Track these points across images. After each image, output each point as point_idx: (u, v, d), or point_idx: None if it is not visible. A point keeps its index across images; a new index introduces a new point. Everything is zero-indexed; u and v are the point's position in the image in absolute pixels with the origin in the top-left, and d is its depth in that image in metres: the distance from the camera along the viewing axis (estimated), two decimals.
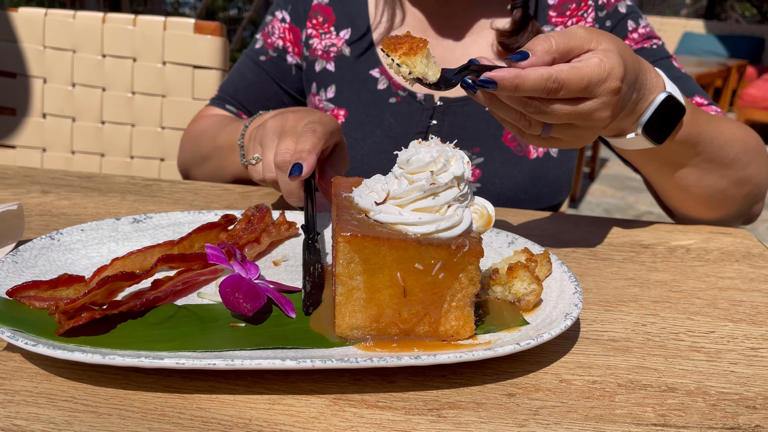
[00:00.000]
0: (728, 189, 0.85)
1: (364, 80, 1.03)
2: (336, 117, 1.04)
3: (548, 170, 1.01)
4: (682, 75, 0.99)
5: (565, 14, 1.02)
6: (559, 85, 0.59)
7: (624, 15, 1.02)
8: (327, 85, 1.05)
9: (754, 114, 6.43)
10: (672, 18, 9.79)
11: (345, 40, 1.05)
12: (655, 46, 1.00)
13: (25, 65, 1.53)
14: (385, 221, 0.53)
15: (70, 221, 0.76)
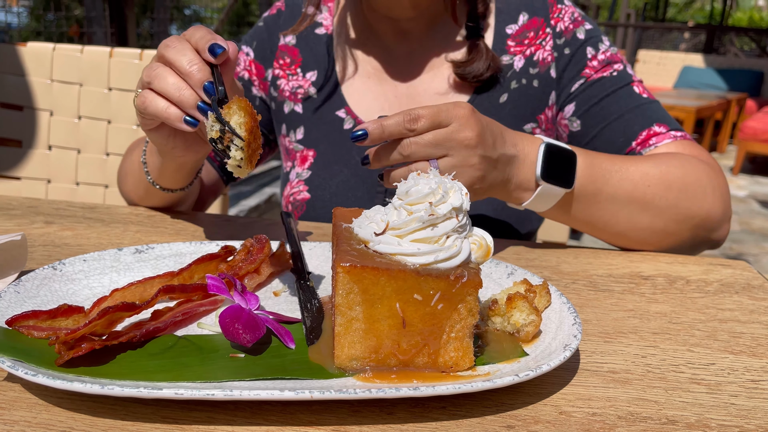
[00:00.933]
0: (667, 227, 0.86)
1: (331, 121, 1.04)
2: (305, 158, 1.06)
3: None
4: (642, 102, 0.98)
5: (523, 43, 1.02)
6: (416, 115, 0.70)
7: (582, 42, 1.01)
8: (296, 127, 1.07)
9: (755, 146, 6.46)
10: (671, 52, 9.91)
11: (311, 81, 1.06)
12: (615, 72, 1.00)
13: (33, 98, 1.56)
14: (385, 252, 0.53)
15: (73, 252, 0.76)
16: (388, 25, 1.02)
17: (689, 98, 7.07)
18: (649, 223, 0.85)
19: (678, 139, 0.95)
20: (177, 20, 12.63)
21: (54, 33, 4.65)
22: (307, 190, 1.04)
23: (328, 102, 1.05)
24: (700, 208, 0.86)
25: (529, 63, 1.02)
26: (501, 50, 1.03)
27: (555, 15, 1.03)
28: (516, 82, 1.02)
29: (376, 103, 1.03)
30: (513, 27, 1.03)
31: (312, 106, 1.06)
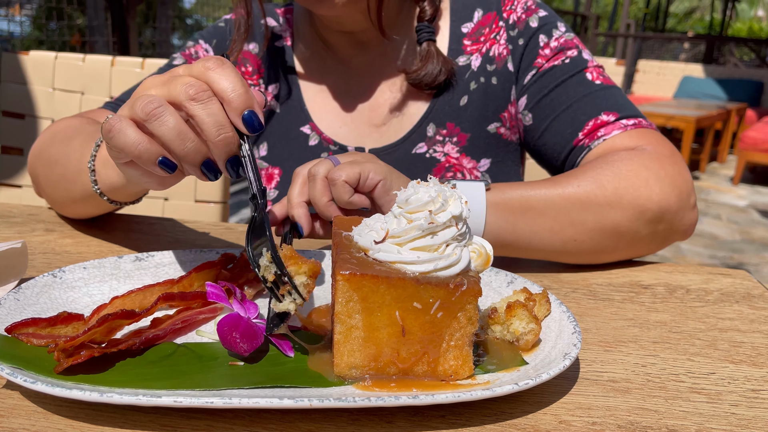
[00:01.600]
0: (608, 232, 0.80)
1: (296, 137, 1.03)
2: (271, 176, 1.04)
3: None
4: (594, 89, 0.93)
5: (479, 40, 1.01)
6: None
7: (535, 30, 0.98)
8: (259, 143, 1.05)
9: (755, 156, 6.46)
10: (671, 62, 9.94)
11: (274, 95, 1.04)
12: (568, 60, 0.95)
13: (34, 107, 1.56)
14: (384, 260, 0.53)
15: (73, 259, 0.76)
16: (344, 37, 1.01)
17: (689, 108, 7.08)
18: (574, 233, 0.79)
19: (628, 129, 0.88)
20: (179, 29, 12.70)
21: (56, 42, 4.67)
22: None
23: (292, 118, 1.04)
24: (648, 200, 0.79)
25: (486, 60, 1.00)
26: (457, 51, 1.01)
27: (507, 7, 1.00)
28: (475, 83, 1.00)
29: (338, 118, 1.03)
30: (468, 25, 1.02)
31: (275, 122, 1.04)
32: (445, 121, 1.00)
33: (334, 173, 0.71)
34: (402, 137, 1.01)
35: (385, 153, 1.00)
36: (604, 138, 0.89)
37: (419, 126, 1.00)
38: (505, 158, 1.04)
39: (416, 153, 1.01)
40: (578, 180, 0.80)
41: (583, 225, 0.79)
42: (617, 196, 0.79)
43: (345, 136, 1.03)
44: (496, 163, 1.02)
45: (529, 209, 0.78)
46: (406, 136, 1.01)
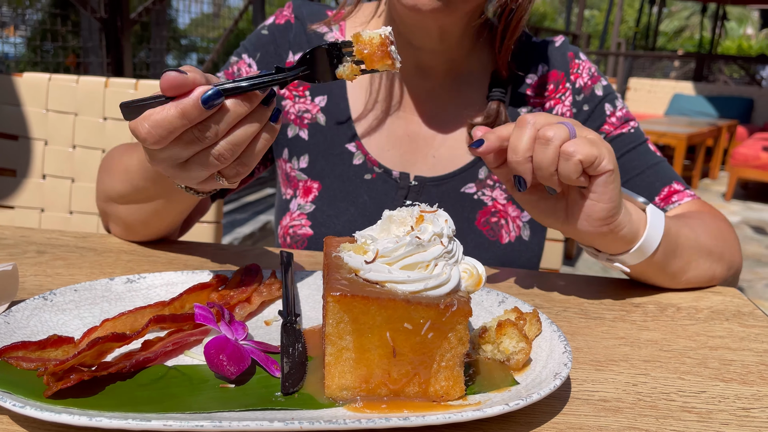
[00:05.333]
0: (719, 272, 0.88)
1: (340, 153, 1.01)
2: (310, 190, 1.02)
3: (520, 254, 1.00)
4: (659, 160, 1.00)
5: (543, 95, 1.02)
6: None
7: (601, 98, 1.02)
8: (300, 154, 1.03)
9: (746, 172, 6.52)
10: (662, 80, 10.06)
11: (320, 107, 1.02)
12: (633, 129, 1.02)
13: (28, 128, 1.57)
14: (375, 279, 0.53)
15: (65, 281, 0.76)
16: (410, 56, 0.97)
17: (680, 125, 7.15)
18: (710, 271, 0.86)
19: (694, 198, 0.99)
20: (173, 50, 12.75)
21: (51, 63, 4.69)
22: (309, 226, 1.00)
23: (337, 133, 1.01)
24: (735, 257, 0.91)
25: None
26: (521, 101, 1.02)
27: (574, 70, 1.03)
28: None
29: (388, 141, 1.00)
30: (532, 77, 1.03)
31: (319, 135, 1.02)
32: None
33: (570, 147, 0.67)
34: (452, 172, 1.00)
35: (432, 184, 0.99)
36: (678, 203, 0.98)
37: (472, 166, 1.00)
38: None
39: (464, 192, 1.00)
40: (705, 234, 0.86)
41: (697, 271, 0.85)
42: (728, 258, 0.89)
43: (391, 160, 1.00)
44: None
45: (677, 247, 0.81)
46: (456, 172, 1.00)
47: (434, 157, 1.00)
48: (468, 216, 1.00)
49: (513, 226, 1.01)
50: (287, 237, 1.02)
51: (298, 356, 0.57)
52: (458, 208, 0.99)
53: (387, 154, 1.00)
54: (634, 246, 0.75)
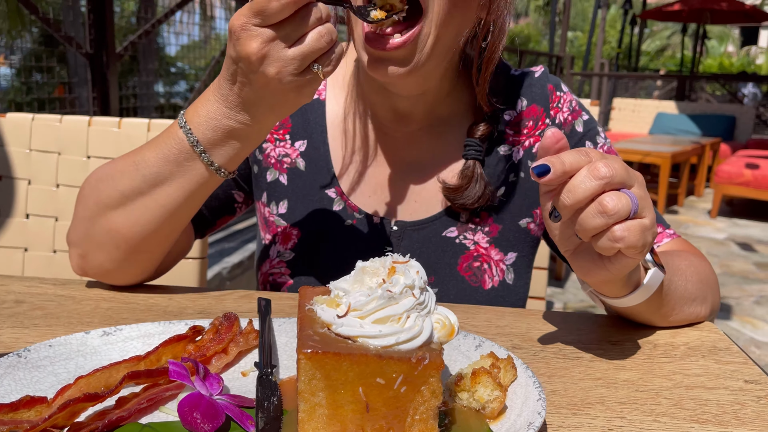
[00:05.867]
0: (703, 313, 0.88)
1: (319, 199, 1.00)
2: (289, 236, 1.01)
3: (504, 300, 0.99)
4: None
5: (522, 132, 1.01)
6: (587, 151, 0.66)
7: (582, 135, 1.01)
8: (279, 199, 1.01)
9: (731, 189, 6.59)
10: (645, 99, 10.21)
11: (300, 152, 1.01)
12: None
13: (11, 168, 1.57)
14: (347, 334, 0.54)
15: (41, 333, 0.76)
16: (387, 101, 0.98)
17: (665, 144, 7.24)
18: (695, 313, 0.87)
19: (673, 238, 0.99)
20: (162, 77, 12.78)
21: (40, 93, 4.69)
22: (289, 274, 0.99)
23: (317, 178, 1.00)
24: (716, 299, 0.92)
25: (528, 156, 1.00)
26: (500, 139, 1.00)
27: (555, 104, 1.01)
28: (514, 175, 1.00)
29: (368, 186, 1.00)
30: (511, 113, 1.01)
31: (299, 180, 1.01)
32: (480, 210, 0.99)
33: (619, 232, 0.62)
34: (433, 216, 0.99)
35: (413, 229, 0.98)
36: (658, 244, 0.98)
37: (453, 210, 0.99)
38: (529, 253, 1.03)
39: (446, 236, 0.99)
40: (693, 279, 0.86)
41: (682, 315, 0.85)
42: (710, 299, 0.89)
43: (372, 205, 0.99)
44: (520, 257, 1.02)
45: (668, 294, 0.81)
46: (437, 216, 0.99)
47: (415, 202, 1.00)
48: (450, 261, 0.98)
49: (496, 270, 1.00)
50: (267, 285, 1.01)
51: (274, 410, 0.57)
52: (440, 253, 0.99)
53: (367, 199, 1.00)
54: (628, 294, 0.75)
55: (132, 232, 0.84)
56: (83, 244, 0.87)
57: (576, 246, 0.69)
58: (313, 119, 1.02)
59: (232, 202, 1.06)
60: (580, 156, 0.64)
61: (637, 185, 0.66)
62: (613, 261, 0.66)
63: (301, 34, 0.69)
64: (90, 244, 0.87)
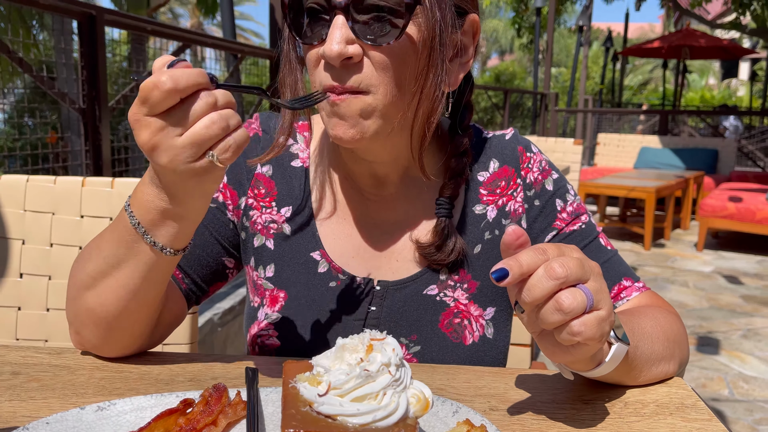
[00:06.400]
0: (672, 370, 0.93)
1: (305, 262, 1.04)
2: (276, 299, 1.04)
3: (485, 354, 1.03)
4: (610, 256, 1.05)
5: (495, 192, 1.06)
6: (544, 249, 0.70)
7: (552, 193, 1.06)
8: (266, 264, 1.05)
9: (715, 223, 6.70)
10: (629, 134, 10.42)
11: (285, 218, 1.05)
12: (584, 225, 1.06)
13: (5, 228, 1.60)
14: (327, 413, 0.58)
15: (38, 406, 0.79)
16: (365, 168, 1.02)
17: (649, 178, 7.38)
18: (663, 372, 0.91)
19: (642, 291, 1.04)
20: None
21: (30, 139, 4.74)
22: (276, 336, 1.03)
23: (302, 242, 1.04)
24: (684, 354, 0.96)
25: (501, 214, 1.06)
26: (474, 199, 1.05)
27: (525, 165, 1.06)
28: (489, 233, 1.05)
29: (350, 247, 1.04)
30: (484, 174, 1.06)
31: (285, 244, 1.05)
32: (458, 268, 1.03)
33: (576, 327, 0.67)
34: (414, 275, 1.03)
35: (395, 288, 1.02)
36: (627, 299, 1.03)
37: (432, 268, 1.03)
38: (507, 306, 1.07)
39: (426, 294, 1.03)
40: (660, 338, 0.90)
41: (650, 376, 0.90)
42: (678, 356, 0.93)
43: (355, 267, 1.03)
44: (499, 311, 1.06)
45: (635, 360, 0.85)
46: (418, 275, 1.03)
47: (396, 261, 1.04)
48: (431, 318, 1.03)
49: (476, 325, 1.04)
50: (256, 347, 1.05)
51: None
52: (421, 310, 1.03)
53: (351, 261, 1.04)
54: (595, 368, 0.79)
55: (104, 311, 0.88)
56: (74, 322, 0.93)
57: (541, 330, 0.73)
58: (298, 186, 1.07)
59: (224, 269, 1.10)
60: (537, 255, 0.69)
61: (593, 278, 0.70)
62: (575, 348, 0.71)
63: (191, 122, 0.69)
64: (77, 322, 0.92)
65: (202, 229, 1.06)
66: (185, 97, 0.69)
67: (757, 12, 12.85)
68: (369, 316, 1.02)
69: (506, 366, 1.08)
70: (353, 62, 0.85)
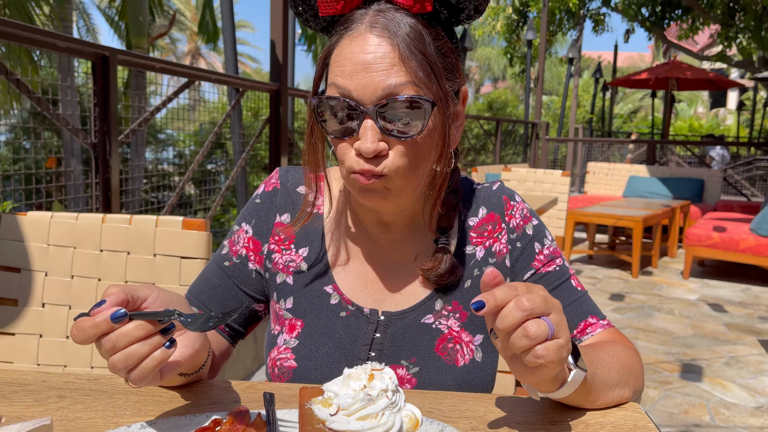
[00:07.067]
0: (627, 397, 1.07)
1: (319, 295, 1.21)
2: (294, 326, 1.20)
3: (474, 375, 1.18)
4: (579, 296, 1.21)
5: (483, 235, 1.23)
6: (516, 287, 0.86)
7: (531, 237, 1.23)
8: (286, 297, 1.23)
9: (701, 251, 6.87)
10: (618, 164, 10.66)
11: (303, 257, 1.23)
12: (558, 267, 1.22)
13: (30, 261, 1.74)
14: (337, 429, 0.72)
15: (84, 425, 0.92)
16: (373, 216, 1.20)
17: (637, 207, 7.57)
18: (618, 397, 1.06)
19: (605, 328, 1.20)
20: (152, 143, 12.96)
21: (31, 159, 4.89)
22: (294, 359, 1.17)
23: (317, 278, 1.21)
24: (638, 383, 1.11)
25: (488, 254, 1.23)
26: (464, 240, 1.23)
27: (509, 212, 1.24)
28: (478, 270, 1.21)
29: (359, 283, 1.21)
30: (474, 219, 1.24)
31: (302, 280, 1.22)
32: (451, 300, 1.21)
33: (540, 351, 0.82)
34: (413, 306, 1.20)
35: (397, 317, 1.19)
36: (591, 334, 1.19)
37: (429, 299, 1.20)
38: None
39: (424, 322, 1.19)
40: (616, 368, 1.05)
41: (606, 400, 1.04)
42: (632, 384, 1.08)
43: (363, 299, 1.20)
44: (487, 338, 1.22)
45: (592, 385, 1.00)
46: (417, 306, 1.20)
47: (399, 294, 1.21)
48: (428, 344, 1.18)
49: (467, 350, 1.19)
50: (275, 368, 1.20)
51: None
52: (419, 337, 1.18)
53: (359, 294, 1.21)
54: (557, 389, 0.94)
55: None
56: None
57: (512, 354, 0.88)
58: (313, 230, 1.25)
59: (255, 313, 1.30)
60: (509, 291, 0.85)
61: (555, 312, 0.86)
62: (539, 369, 0.86)
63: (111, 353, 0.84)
64: None
65: (230, 284, 1.27)
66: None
67: (742, 44, 13.24)
68: (374, 341, 1.18)
69: (494, 387, 1.22)
70: (381, 153, 1.03)
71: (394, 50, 1.00)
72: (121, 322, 0.83)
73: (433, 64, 1.02)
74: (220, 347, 1.27)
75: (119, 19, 11.60)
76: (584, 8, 14.18)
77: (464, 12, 1.07)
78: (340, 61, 1.03)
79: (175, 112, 6.97)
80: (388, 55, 1.00)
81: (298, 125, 8.18)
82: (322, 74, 1.09)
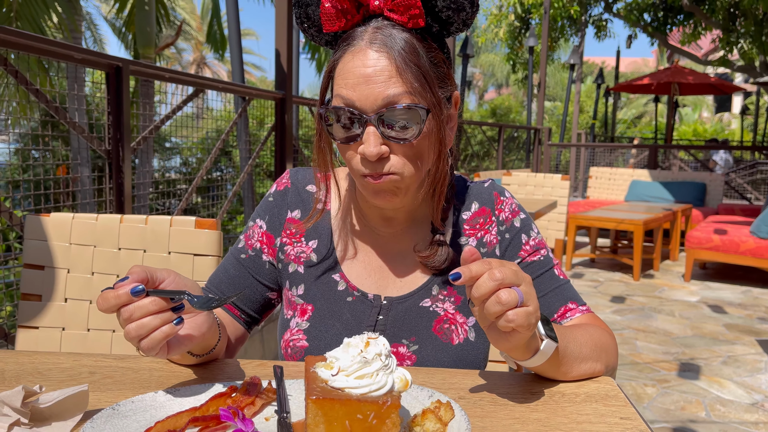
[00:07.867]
0: (599, 371, 1.19)
1: (327, 282, 1.34)
2: (305, 311, 1.33)
3: (468, 353, 1.30)
4: (561, 284, 1.33)
5: (475, 227, 1.36)
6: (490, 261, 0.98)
7: (519, 229, 1.36)
8: (298, 284, 1.36)
9: (702, 254, 6.95)
10: (620, 168, 10.74)
11: (313, 248, 1.36)
12: (542, 257, 1.34)
13: (53, 259, 1.86)
14: (339, 386, 0.84)
15: (115, 395, 1.04)
16: (376, 212, 1.33)
17: (638, 211, 7.66)
18: (590, 370, 1.17)
19: (584, 313, 1.32)
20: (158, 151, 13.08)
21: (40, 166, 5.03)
22: (305, 339, 1.30)
23: (326, 267, 1.35)
24: (611, 360, 1.22)
25: (480, 244, 1.35)
26: (458, 233, 1.35)
27: (499, 206, 1.37)
28: None
29: (364, 272, 1.34)
30: (467, 213, 1.37)
31: (312, 269, 1.35)
32: (447, 285, 1.33)
33: (511, 316, 0.92)
34: (412, 291, 1.33)
35: (398, 302, 1.32)
36: (571, 318, 1.31)
37: (426, 285, 1.33)
38: None
39: (422, 305, 1.32)
40: (588, 344, 1.17)
41: (579, 372, 1.16)
42: (604, 359, 1.20)
43: (367, 286, 1.34)
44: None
45: (564, 357, 1.12)
46: (416, 291, 1.33)
47: (400, 281, 1.34)
48: (426, 324, 1.30)
49: (461, 330, 1.31)
50: (288, 349, 1.33)
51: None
52: (418, 319, 1.31)
53: (364, 281, 1.34)
54: (530, 357, 1.06)
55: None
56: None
57: (489, 323, 1.00)
58: (321, 224, 1.39)
59: (269, 300, 1.43)
60: (483, 265, 0.97)
61: (525, 284, 0.98)
62: (512, 335, 0.98)
63: (127, 321, 0.95)
64: None
65: (246, 275, 1.40)
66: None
67: (744, 49, 13.33)
68: (378, 323, 1.31)
69: (486, 368, 1.34)
70: (384, 156, 1.15)
71: (392, 63, 1.12)
72: (139, 296, 0.95)
73: (426, 74, 1.14)
74: (236, 332, 1.40)
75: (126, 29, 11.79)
76: (586, 15, 14.31)
77: (453, 25, 1.19)
78: (344, 75, 1.15)
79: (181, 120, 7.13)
80: (386, 68, 1.12)
81: (303, 132, 8.33)
82: (327, 86, 1.22)
